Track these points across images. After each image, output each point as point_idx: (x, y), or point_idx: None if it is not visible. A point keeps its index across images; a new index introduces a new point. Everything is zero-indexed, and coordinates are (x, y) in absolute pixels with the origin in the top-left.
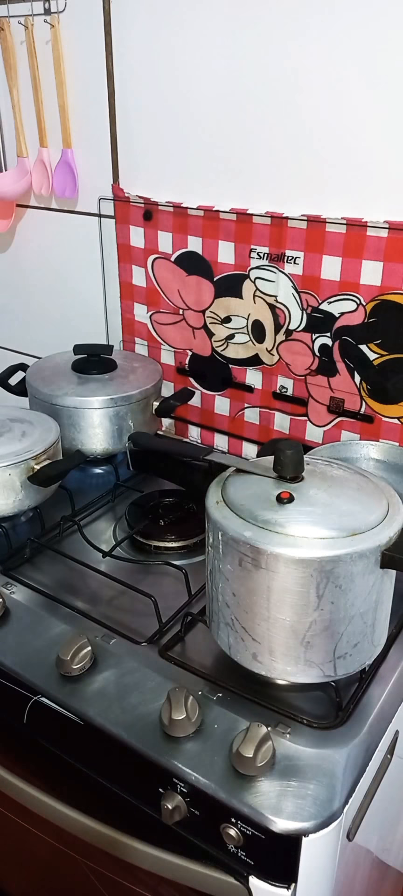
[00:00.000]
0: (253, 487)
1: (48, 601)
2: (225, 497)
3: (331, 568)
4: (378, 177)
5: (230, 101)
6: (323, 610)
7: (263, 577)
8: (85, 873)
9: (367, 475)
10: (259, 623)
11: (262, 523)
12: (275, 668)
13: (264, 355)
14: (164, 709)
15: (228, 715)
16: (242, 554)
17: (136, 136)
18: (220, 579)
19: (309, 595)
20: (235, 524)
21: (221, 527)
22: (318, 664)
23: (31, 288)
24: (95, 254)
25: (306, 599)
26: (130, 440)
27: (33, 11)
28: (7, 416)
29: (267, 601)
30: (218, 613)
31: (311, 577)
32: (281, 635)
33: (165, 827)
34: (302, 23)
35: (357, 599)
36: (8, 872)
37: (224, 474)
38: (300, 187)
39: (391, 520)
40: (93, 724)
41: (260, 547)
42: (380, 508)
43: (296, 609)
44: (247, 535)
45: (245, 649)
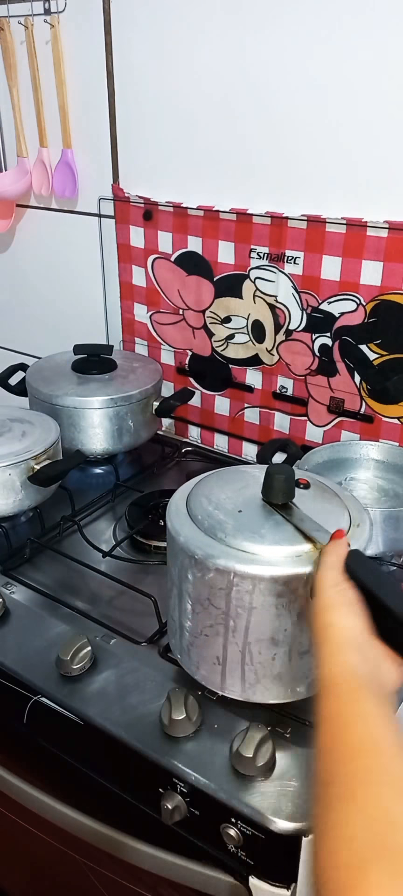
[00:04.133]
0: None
1: (48, 601)
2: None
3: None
4: (378, 177)
5: (230, 100)
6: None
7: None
8: (85, 873)
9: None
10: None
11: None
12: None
13: (264, 355)
14: (164, 709)
15: (228, 715)
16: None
17: (136, 136)
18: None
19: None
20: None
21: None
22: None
23: (31, 288)
24: (95, 254)
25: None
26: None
27: (33, 11)
28: (7, 416)
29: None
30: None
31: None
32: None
33: (165, 827)
34: (302, 23)
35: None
36: (8, 872)
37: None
38: (300, 187)
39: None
40: (93, 724)
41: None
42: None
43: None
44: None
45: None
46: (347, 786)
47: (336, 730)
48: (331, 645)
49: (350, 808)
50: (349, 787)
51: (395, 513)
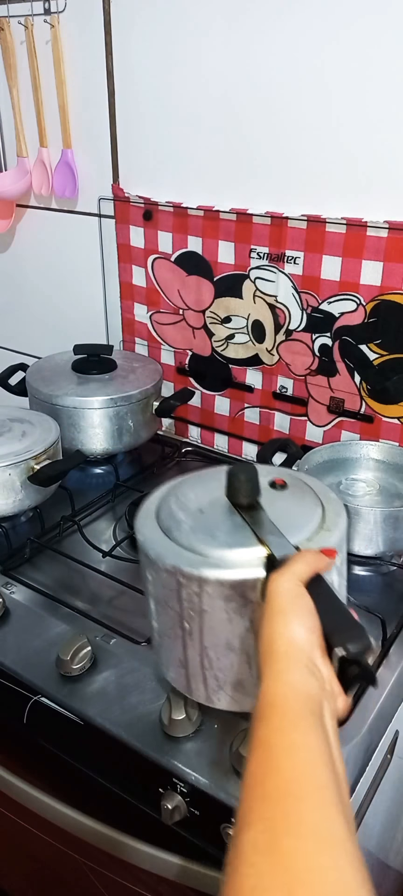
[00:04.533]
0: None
1: (48, 601)
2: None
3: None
4: (378, 177)
5: (230, 100)
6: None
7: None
8: (85, 873)
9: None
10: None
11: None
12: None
13: (264, 355)
14: (164, 709)
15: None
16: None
17: (136, 136)
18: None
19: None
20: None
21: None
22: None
23: (31, 288)
24: (95, 254)
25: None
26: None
27: (33, 11)
28: (7, 416)
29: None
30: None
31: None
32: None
33: (165, 827)
34: (302, 23)
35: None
36: (8, 872)
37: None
38: (300, 187)
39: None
40: (93, 724)
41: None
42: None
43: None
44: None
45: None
46: (265, 833)
47: (264, 762)
48: (279, 659)
49: (264, 865)
50: (267, 836)
51: (395, 513)
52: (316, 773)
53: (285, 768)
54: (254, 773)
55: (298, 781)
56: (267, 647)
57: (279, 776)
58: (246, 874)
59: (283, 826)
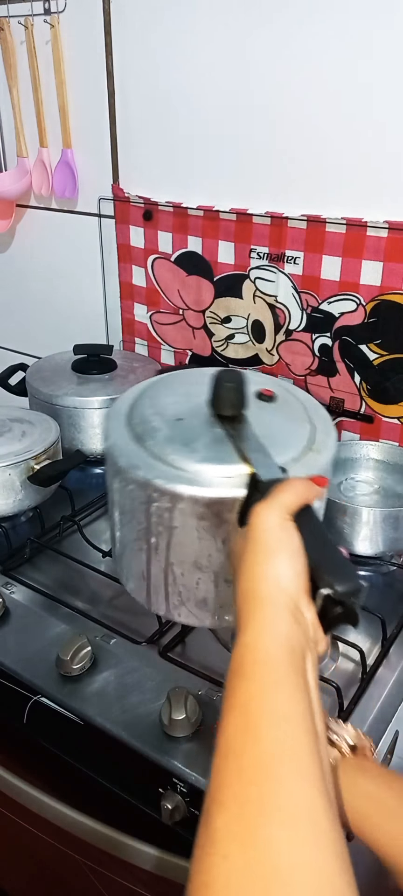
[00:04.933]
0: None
1: (48, 601)
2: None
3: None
4: (378, 177)
5: (230, 100)
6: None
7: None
8: (85, 873)
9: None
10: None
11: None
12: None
13: (264, 355)
14: (164, 709)
15: None
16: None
17: (136, 136)
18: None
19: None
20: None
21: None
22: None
23: (31, 288)
24: (95, 254)
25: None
26: None
27: (33, 11)
28: (7, 416)
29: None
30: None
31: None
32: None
33: (165, 827)
34: (302, 23)
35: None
36: (8, 872)
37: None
38: (300, 187)
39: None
40: (93, 724)
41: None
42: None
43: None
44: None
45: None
46: (241, 820)
47: (244, 730)
48: (263, 603)
49: (239, 859)
50: (242, 823)
51: (395, 513)
52: (299, 747)
53: (265, 741)
54: (231, 740)
55: (278, 759)
56: (250, 588)
57: (258, 749)
58: (219, 866)
59: (260, 812)
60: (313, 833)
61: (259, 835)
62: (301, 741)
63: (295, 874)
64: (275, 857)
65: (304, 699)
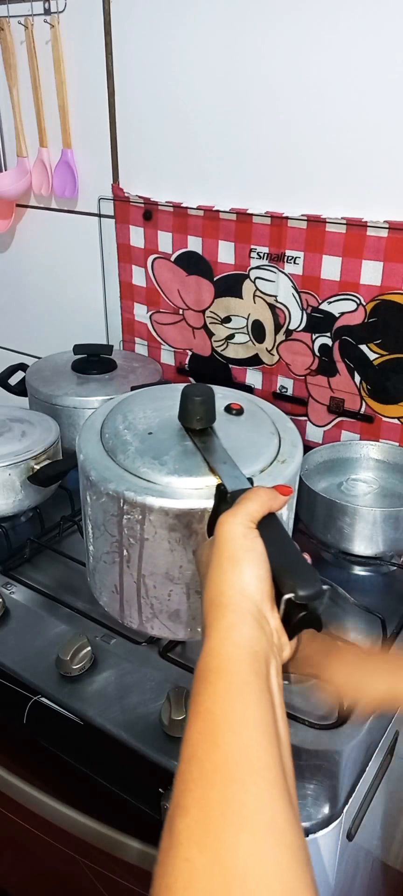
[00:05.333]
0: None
1: (48, 601)
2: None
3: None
4: (378, 177)
5: (230, 100)
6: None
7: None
8: (85, 873)
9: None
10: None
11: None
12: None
13: (264, 355)
14: (164, 709)
15: None
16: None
17: (136, 136)
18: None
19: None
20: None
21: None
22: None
23: (31, 288)
24: (95, 254)
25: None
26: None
27: (33, 11)
28: (7, 416)
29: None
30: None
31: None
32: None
33: None
34: (301, 23)
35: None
36: (8, 872)
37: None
38: (300, 187)
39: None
40: (93, 724)
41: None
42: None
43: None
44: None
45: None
46: (202, 824)
47: (207, 735)
48: (227, 610)
49: (199, 861)
50: (203, 826)
51: (395, 513)
52: (260, 751)
53: (227, 746)
54: (194, 746)
55: (240, 764)
56: (215, 595)
57: (219, 754)
58: (181, 868)
59: (222, 815)
60: (273, 836)
61: (220, 838)
62: (262, 746)
63: (255, 876)
64: (236, 860)
65: (266, 704)
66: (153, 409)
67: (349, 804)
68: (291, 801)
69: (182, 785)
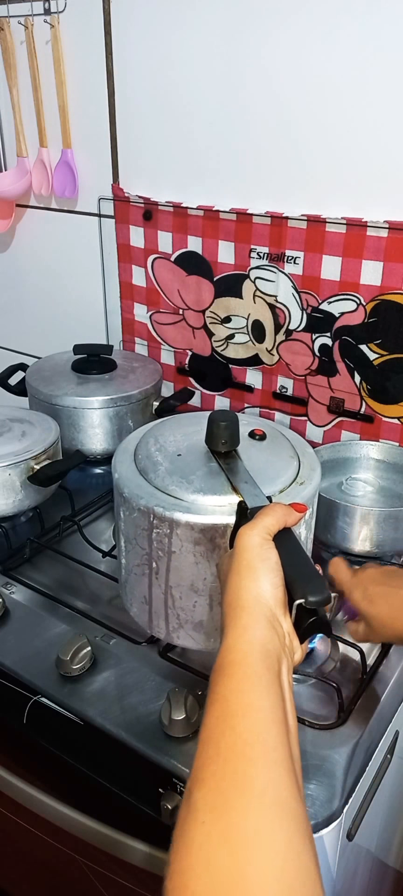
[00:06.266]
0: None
1: (48, 601)
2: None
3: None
4: (378, 177)
5: (230, 100)
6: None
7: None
8: (85, 873)
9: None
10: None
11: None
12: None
13: (264, 355)
14: (164, 709)
15: None
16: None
17: (136, 136)
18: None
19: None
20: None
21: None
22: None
23: (31, 288)
24: (95, 254)
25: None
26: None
27: (33, 11)
28: (7, 416)
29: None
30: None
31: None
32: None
33: (165, 827)
34: (301, 23)
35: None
36: (8, 872)
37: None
38: (300, 187)
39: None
40: (93, 724)
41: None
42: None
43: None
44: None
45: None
46: (217, 794)
47: (222, 719)
48: (243, 612)
49: (213, 826)
50: (218, 797)
51: (395, 513)
52: (269, 735)
53: (240, 729)
54: (211, 729)
55: (251, 744)
56: (233, 599)
57: (233, 736)
58: (196, 831)
59: (233, 787)
60: (279, 806)
61: (231, 805)
62: (271, 730)
63: (261, 838)
64: (246, 823)
65: (276, 696)
66: (182, 434)
67: (349, 804)
68: (297, 782)
69: (199, 762)
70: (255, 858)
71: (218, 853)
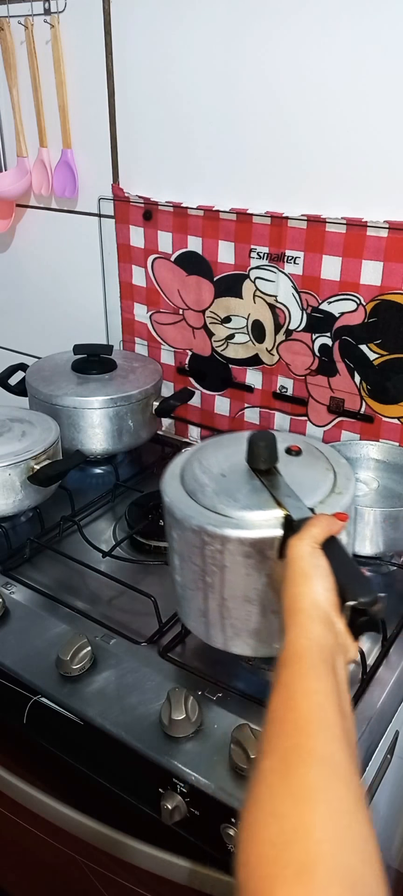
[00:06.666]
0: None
1: (48, 601)
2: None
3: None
4: (378, 177)
5: (230, 100)
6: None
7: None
8: (85, 873)
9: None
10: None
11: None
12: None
13: (264, 355)
14: (164, 709)
15: (228, 715)
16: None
17: (136, 136)
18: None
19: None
20: (192, 511)
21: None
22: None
23: (31, 288)
24: (95, 254)
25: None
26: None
27: (33, 11)
28: (7, 416)
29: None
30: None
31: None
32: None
33: (165, 827)
34: (301, 23)
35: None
36: (8, 872)
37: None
38: (300, 187)
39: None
40: (93, 724)
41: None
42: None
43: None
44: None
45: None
46: (282, 761)
47: (285, 701)
48: (301, 614)
49: (280, 785)
50: (283, 763)
51: (395, 513)
52: (327, 714)
53: (302, 708)
54: (276, 710)
55: (311, 721)
56: (291, 604)
57: (295, 713)
58: (263, 792)
59: (296, 756)
60: (338, 774)
61: (295, 770)
62: (328, 711)
63: (322, 796)
64: (307, 783)
65: (331, 683)
66: (223, 456)
67: None
68: (354, 759)
69: (265, 739)
70: (317, 811)
71: (283, 805)
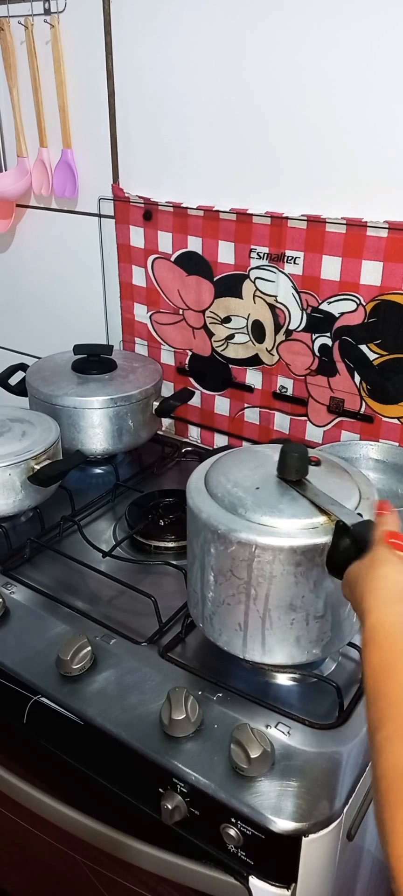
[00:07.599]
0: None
1: (48, 601)
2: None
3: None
4: (378, 177)
5: (230, 100)
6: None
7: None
8: (85, 873)
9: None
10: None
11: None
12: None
13: (264, 355)
14: (164, 709)
15: (228, 715)
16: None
17: (136, 136)
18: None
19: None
20: (221, 517)
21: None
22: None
23: (32, 288)
24: (95, 254)
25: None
26: None
27: (33, 11)
28: (7, 416)
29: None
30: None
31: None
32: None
33: (165, 827)
34: (301, 23)
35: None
36: (8, 872)
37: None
38: (300, 187)
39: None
40: (93, 724)
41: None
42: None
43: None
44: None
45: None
46: (394, 729)
47: (382, 679)
48: (384, 595)
49: (398, 747)
50: (396, 730)
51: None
52: None
53: (400, 679)
54: (373, 691)
55: None
56: (374, 586)
57: (400, 687)
58: (387, 757)
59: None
60: None
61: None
62: None
63: None
64: None
65: None
66: (248, 469)
67: (349, 804)
68: None
69: (376, 715)
70: None
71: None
